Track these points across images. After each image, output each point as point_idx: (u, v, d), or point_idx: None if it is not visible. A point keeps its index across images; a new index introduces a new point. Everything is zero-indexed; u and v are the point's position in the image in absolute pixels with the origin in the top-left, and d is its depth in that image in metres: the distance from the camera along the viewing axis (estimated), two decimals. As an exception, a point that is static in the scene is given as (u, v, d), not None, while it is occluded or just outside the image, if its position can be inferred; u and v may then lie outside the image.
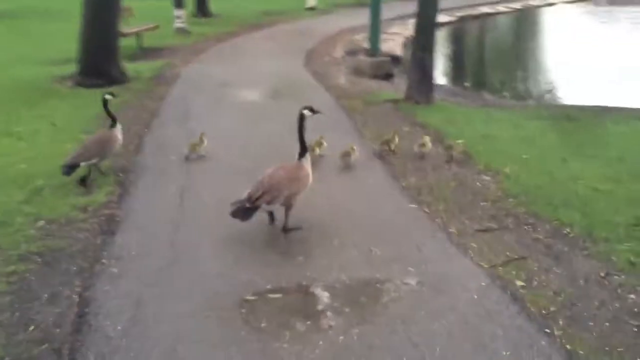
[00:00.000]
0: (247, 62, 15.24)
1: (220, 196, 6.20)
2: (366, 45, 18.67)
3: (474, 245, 5.29)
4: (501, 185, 6.62)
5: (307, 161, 5.66)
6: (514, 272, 4.81)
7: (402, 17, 25.30)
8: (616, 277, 4.71)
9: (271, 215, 5.67)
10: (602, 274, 4.74)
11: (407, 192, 6.56)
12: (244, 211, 5.19)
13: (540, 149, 7.88)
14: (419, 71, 10.41)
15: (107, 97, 7.20)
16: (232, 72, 13.75)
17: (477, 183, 6.77)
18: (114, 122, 7.17)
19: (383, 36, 20.32)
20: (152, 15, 21.85)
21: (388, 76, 14.18)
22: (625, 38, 23.02)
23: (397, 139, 7.83)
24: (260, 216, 5.49)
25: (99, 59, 12.11)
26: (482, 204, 6.22)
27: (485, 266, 4.90)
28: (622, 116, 9.79)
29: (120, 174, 7.16)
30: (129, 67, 13.32)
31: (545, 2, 34.09)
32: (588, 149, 7.89)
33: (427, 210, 6.07)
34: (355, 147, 7.47)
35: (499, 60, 19.89)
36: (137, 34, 16.66)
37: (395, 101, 10.65)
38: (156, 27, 18.01)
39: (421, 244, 5.28)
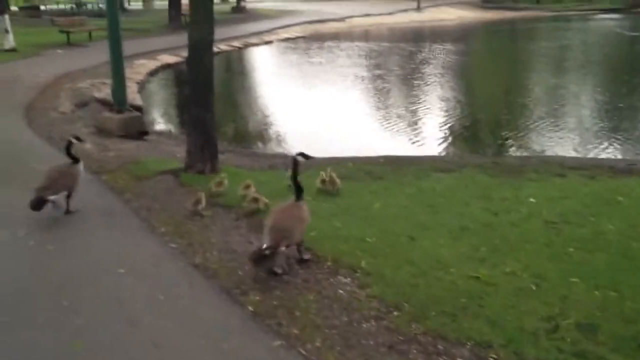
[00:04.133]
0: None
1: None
2: (97, 94, 16.22)
3: (401, 407, 3.78)
4: (371, 291, 5.26)
5: (304, 202, 5.93)
6: None
7: (126, 58, 22.88)
8: None
9: None
10: None
11: (262, 322, 4.80)
12: (267, 259, 5.32)
13: (375, 223, 6.74)
14: (199, 134, 8.62)
15: (74, 141, 7.37)
16: None
17: (340, 291, 5.30)
18: (76, 161, 7.27)
19: (110, 82, 17.98)
20: None
21: (142, 134, 11.99)
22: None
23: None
24: None
25: None
26: (364, 325, 4.77)
27: None
28: (419, 169, 9.25)
29: None
30: None
31: (262, 41, 34.51)
32: (421, 216, 6.99)
33: (304, 351, 4.41)
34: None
35: (236, 105, 18.90)
36: None
37: (174, 172, 8.67)
38: None
39: None
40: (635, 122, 15.96)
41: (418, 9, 55.48)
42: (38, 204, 6.65)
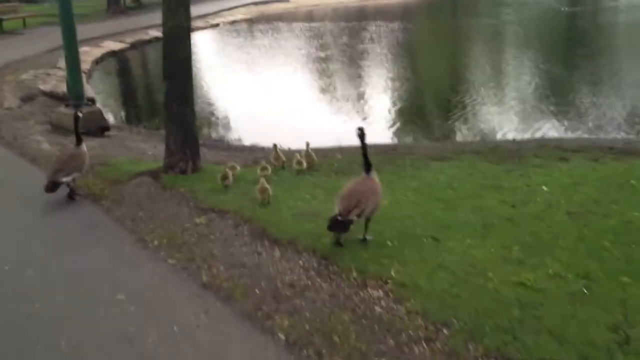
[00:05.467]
0: None
1: None
2: (43, 87, 15.04)
3: None
4: (410, 306, 4.70)
5: (375, 175, 5.89)
6: None
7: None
8: None
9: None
10: None
11: (300, 352, 4.19)
12: (341, 224, 5.37)
13: (390, 223, 6.17)
14: (179, 131, 7.85)
15: (80, 114, 7.49)
16: None
17: (376, 307, 4.73)
18: (79, 140, 7.28)
19: (58, 73, 16.79)
20: None
21: (103, 130, 11.02)
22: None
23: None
24: None
25: None
26: (416, 350, 4.22)
27: None
28: (414, 158, 8.74)
29: None
30: None
31: (209, 24, 33.21)
32: (437, 213, 6.47)
33: (357, 386, 3.82)
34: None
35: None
36: None
37: (153, 174, 7.87)
38: None
39: None
40: (597, 96, 15.82)
41: (362, -13, 54.79)
42: (53, 187, 6.83)
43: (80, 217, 6.62)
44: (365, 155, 5.78)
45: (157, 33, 27.90)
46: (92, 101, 13.29)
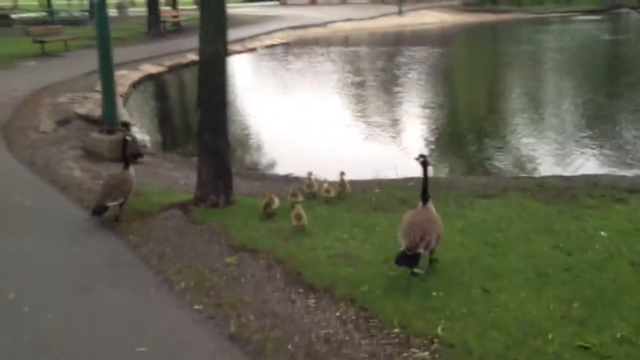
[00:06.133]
0: None
1: None
2: (79, 110, 14.96)
3: None
4: (462, 371, 4.19)
5: (432, 205, 5.77)
6: None
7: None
8: None
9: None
10: None
11: None
12: (410, 258, 5.22)
13: (435, 270, 5.68)
14: (212, 161, 7.52)
15: (128, 138, 7.76)
16: None
17: (423, 372, 4.23)
18: (127, 164, 7.45)
19: (96, 96, 16.75)
20: None
21: (136, 157, 10.76)
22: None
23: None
24: None
25: None
26: None
27: None
28: (458, 195, 8.23)
29: None
30: None
31: (246, 48, 33.32)
32: (485, 260, 5.94)
33: None
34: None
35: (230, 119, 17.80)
36: None
37: (183, 206, 7.53)
38: None
39: None
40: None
41: (400, 13, 54.70)
42: (101, 210, 6.97)
43: (106, 253, 6.28)
44: (425, 185, 5.74)
45: (194, 57, 28.00)
46: (127, 126, 13.11)
